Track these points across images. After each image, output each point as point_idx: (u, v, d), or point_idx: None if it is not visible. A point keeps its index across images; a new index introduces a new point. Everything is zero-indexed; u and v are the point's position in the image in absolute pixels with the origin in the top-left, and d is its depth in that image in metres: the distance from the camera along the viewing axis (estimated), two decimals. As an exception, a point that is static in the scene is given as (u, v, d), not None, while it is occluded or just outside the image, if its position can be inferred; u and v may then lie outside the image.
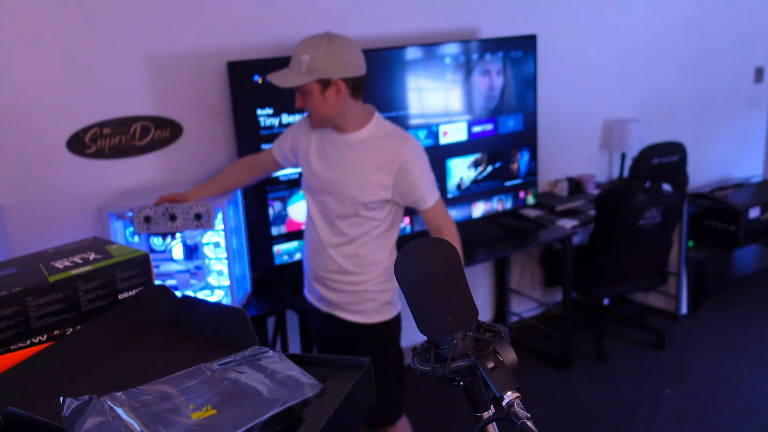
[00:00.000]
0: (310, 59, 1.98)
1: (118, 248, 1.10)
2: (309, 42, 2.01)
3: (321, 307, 2.25)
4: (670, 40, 4.15)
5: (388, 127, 2.14)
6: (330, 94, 2.01)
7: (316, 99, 2.01)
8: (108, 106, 2.55)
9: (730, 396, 3.21)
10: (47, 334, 0.98)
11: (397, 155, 2.05)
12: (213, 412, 0.78)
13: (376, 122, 2.12)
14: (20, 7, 2.37)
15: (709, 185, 4.37)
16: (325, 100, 2.01)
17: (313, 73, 1.98)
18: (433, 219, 2.15)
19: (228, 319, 1.01)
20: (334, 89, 2.00)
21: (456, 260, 0.75)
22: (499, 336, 0.74)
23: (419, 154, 2.11)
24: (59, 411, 0.75)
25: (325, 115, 2.05)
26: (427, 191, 2.11)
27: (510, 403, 0.68)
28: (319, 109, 2.03)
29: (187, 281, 2.35)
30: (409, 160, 2.06)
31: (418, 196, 2.10)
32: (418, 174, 2.08)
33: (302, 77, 1.99)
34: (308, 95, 2.01)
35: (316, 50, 1.98)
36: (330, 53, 1.98)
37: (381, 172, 2.06)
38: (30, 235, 2.46)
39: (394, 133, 2.12)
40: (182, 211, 2.21)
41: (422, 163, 2.11)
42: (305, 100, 2.04)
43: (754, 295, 4.26)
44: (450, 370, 0.72)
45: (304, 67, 1.98)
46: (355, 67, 2.04)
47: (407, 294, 0.76)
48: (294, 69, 2.01)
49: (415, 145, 2.11)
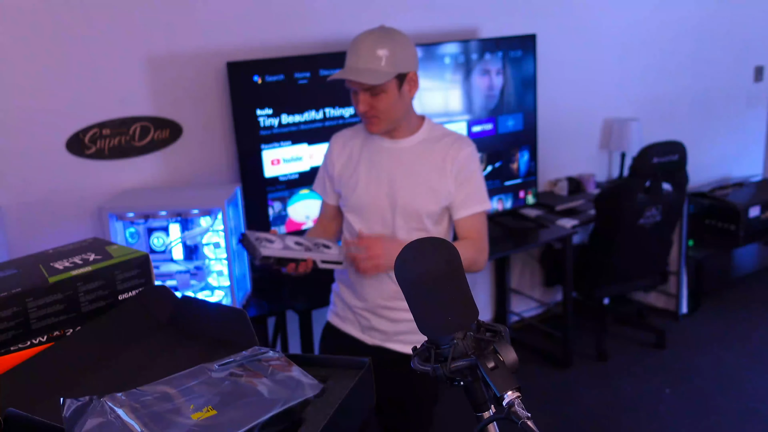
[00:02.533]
0: (389, 53, 1.80)
1: (118, 249, 1.09)
2: (379, 35, 1.84)
3: (366, 339, 2.02)
4: (670, 40, 4.15)
5: (443, 128, 1.99)
6: (405, 91, 1.87)
7: (391, 97, 1.84)
8: (108, 106, 2.55)
9: (730, 396, 3.21)
10: (47, 334, 0.97)
11: (455, 154, 1.90)
12: (213, 413, 0.78)
13: (430, 124, 1.98)
14: (20, 7, 2.37)
15: (709, 184, 4.37)
16: (402, 97, 1.86)
17: (394, 67, 1.81)
18: (468, 230, 1.93)
19: (228, 320, 1.01)
20: (409, 85, 1.87)
21: (456, 260, 0.75)
22: (500, 336, 0.74)
23: (476, 155, 1.96)
24: (59, 411, 0.75)
25: (397, 116, 1.88)
26: (476, 193, 1.92)
27: (510, 403, 0.68)
28: (393, 109, 1.86)
29: (187, 281, 2.35)
30: (468, 157, 1.91)
31: (464, 194, 1.91)
32: (473, 170, 1.92)
33: (384, 73, 1.80)
34: (382, 94, 1.83)
35: (393, 42, 1.82)
36: (405, 46, 1.84)
37: (444, 176, 1.90)
38: (30, 236, 2.46)
39: (450, 133, 1.98)
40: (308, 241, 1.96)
41: (478, 165, 1.97)
42: (376, 101, 1.84)
43: (754, 294, 4.26)
44: (450, 369, 0.72)
45: (383, 62, 1.80)
46: (417, 60, 1.91)
47: (408, 294, 0.76)
48: (368, 64, 1.81)
49: (473, 146, 1.96)
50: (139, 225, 2.34)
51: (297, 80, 2.71)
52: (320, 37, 2.91)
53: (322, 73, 2.74)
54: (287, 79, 2.69)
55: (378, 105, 1.84)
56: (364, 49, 1.82)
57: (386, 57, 1.80)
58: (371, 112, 1.86)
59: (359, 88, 1.83)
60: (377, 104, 1.84)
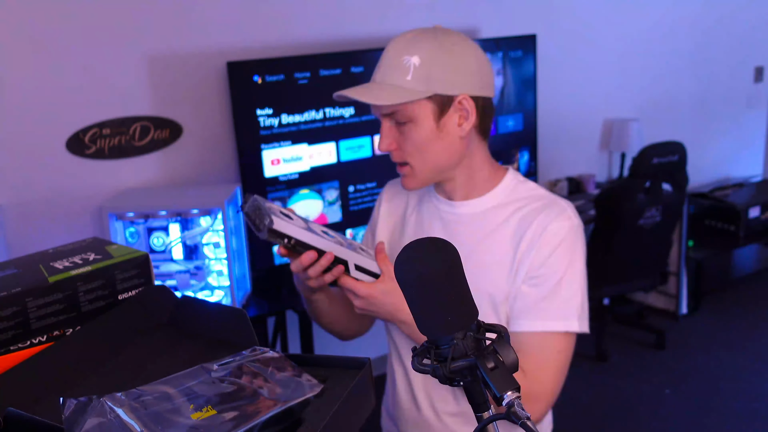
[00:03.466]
0: (422, 62, 1.21)
1: (117, 248, 1.09)
2: (416, 36, 1.25)
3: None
4: (670, 40, 4.15)
5: (534, 189, 1.33)
6: (449, 123, 1.24)
7: (424, 131, 1.23)
8: (108, 106, 2.55)
9: (730, 396, 3.21)
10: (47, 334, 0.97)
11: (539, 227, 1.26)
12: (213, 413, 0.78)
13: (514, 181, 1.34)
14: (20, 7, 2.37)
15: (709, 185, 4.38)
16: (443, 133, 1.24)
17: (427, 82, 1.21)
18: (524, 355, 1.22)
19: (228, 320, 1.01)
20: (457, 114, 1.24)
21: (456, 260, 0.75)
22: (500, 336, 0.74)
23: (575, 236, 1.27)
24: (59, 411, 0.75)
25: (439, 162, 1.26)
26: (554, 299, 1.24)
27: (510, 403, 0.68)
28: (430, 151, 1.24)
29: (187, 281, 2.35)
30: (557, 234, 1.25)
31: (532, 297, 1.25)
32: (561, 259, 1.25)
33: (408, 91, 1.21)
34: (410, 125, 1.23)
35: (434, 48, 1.22)
36: (452, 56, 1.23)
37: (512, 263, 1.27)
38: (30, 235, 2.46)
39: (544, 197, 1.31)
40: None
41: (575, 253, 1.27)
42: (402, 133, 1.25)
43: (754, 295, 4.26)
44: (450, 370, 0.72)
45: (410, 74, 1.21)
46: (486, 81, 1.27)
47: (407, 294, 0.76)
48: (390, 78, 1.24)
49: (574, 220, 1.29)
50: (139, 225, 2.34)
51: (297, 80, 2.71)
52: (320, 37, 2.91)
53: (322, 73, 2.74)
54: (287, 79, 2.69)
55: (405, 142, 1.25)
56: (388, 56, 1.27)
57: (416, 67, 1.21)
58: (397, 154, 1.27)
59: (380, 115, 1.26)
60: (404, 141, 1.25)
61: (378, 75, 1.27)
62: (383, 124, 1.27)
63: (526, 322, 1.25)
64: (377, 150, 2.89)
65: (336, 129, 2.80)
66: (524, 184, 1.34)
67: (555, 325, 1.25)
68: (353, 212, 2.90)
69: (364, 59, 2.81)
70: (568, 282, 1.26)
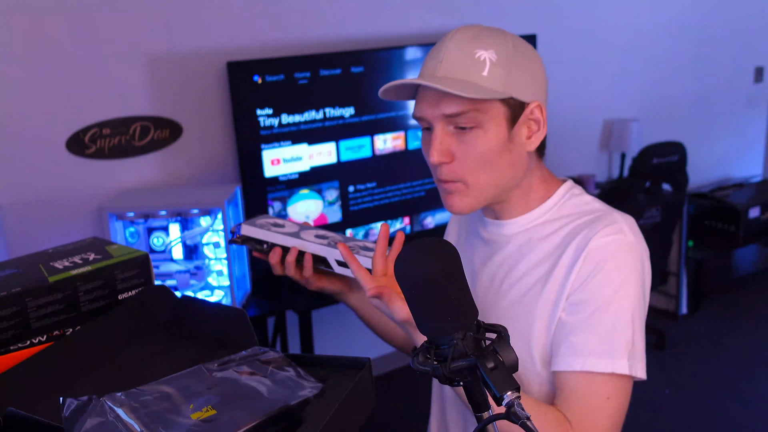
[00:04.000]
0: (499, 58, 1.03)
1: (117, 248, 1.09)
2: (482, 32, 1.06)
3: None
4: (669, 40, 4.15)
5: (587, 202, 1.15)
6: (519, 134, 1.07)
7: (494, 139, 1.04)
8: (108, 106, 2.55)
9: (730, 396, 3.21)
10: (47, 334, 0.98)
11: (583, 243, 1.06)
12: (213, 413, 0.78)
13: (567, 194, 1.16)
14: (20, 7, 2.37)
15: (709, 185, 4.38)
16: (512, 143, 1.06)
17: (505, 82, 1.03)
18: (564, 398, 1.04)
19: (228, 319, 1.01)
20: (526, 124, 1.07)
21: (456, 260, 0.75)
22: (500, 336, 0.74)
23: (627, 256, 1.05)
24: (59, 411, 0.75)
25: (501, 179, 1.08)
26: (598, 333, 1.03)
27: (510, 403, 0.67)
28: (496, 163, 1.06)
29: (187, 281, 2.35)
30: (605, 250, 1.04)
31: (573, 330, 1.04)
32: (611, 285, 1.03)
33: (485, 89, 1.02)
34: (476, 131, 1.04)
35: (506, 46, 1.05)
36: (526, 58, 1.07)
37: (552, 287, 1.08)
38: (30, 235, 2.46)
39: (597, 210, 1.12)
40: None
41: (624, 276, 1.04)
42: (463, 142, 1.05)
43: (754, 295, 4.26)
44: (450, 370, 0.72)
45: (486, 69, 1.02)
46: (546, 91, 1.12)
47: (407, 294, 0.76)
48: (460, 72, 1.03)
49: (629, 239, 1.06)
50: (139, 225, 2.34)
51: (297, 80, 2.71)
52: (320, 37, 2.91)
53: (322, 73, 2.74)
54: (287, 79, 2.68)
55: (466, 152, 1.04)
56: (454, 48, 1.05)
57: (492, 63, 1.02)
58: (449, 168, 1.06)
59: (438, 117, 1.04)
60: (466, 152, 1.04)
61: (441, 70, 1.04)
62: (437, 128, 1.04)
63: (563, 359, 1.04)
64: (377, 150, 2.90)
65: (336, 129, 2.80)
66: (578, 197, 1.15)
67: (598, 364, 1.01)
68: (353, 212, 2.90)
69: (364, 59, 2.81)
70: (616, 311, 1.03)
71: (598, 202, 1.15)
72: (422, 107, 1.06)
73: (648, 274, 1.09)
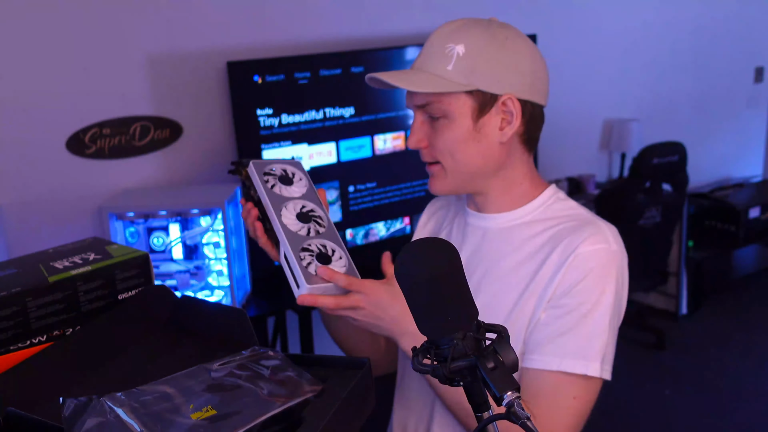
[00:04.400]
0: (468, 51, 1.10)
1: (118, 248, 1.09)
2: (465, 25, 1.16)
3: None
4: (670, 40, 4.15)
5: (573, 208, 1.19)
6: (489, 125, 1.12)
7: (459, 130, 1.11)
8: (108, 106, 2.55)
9: (730, 396, 3.21)
10: (47, 334, 0.98)
11: (568, 247, 1.10)
12: (213, 413, 0.78)
13: (553, 198, 1.20)
14: (20, 7, 2.37)
15: (709, 185, 4.38)
16: (480, 135, 1.12)
17: (469, 75, 1.09)
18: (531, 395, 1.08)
19: (228, 319, 1.01)
20: (500, 116, 1.12)
21: (456, 260, 0.75)
22: (499, 336, 0.74)
23: (610, 266, 1.10)
24: (59, 411, 0.75)
25: (470, 167, 1.14)
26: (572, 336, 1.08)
27: (510, 403, 0.68)
28: (462, 152, 1.12)
29: (187, 281, 2.35)
30: (589, 259, 1.09)
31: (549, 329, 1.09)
32: (590, 291, 1.08)
33: (446, 81, 1.10)
34: (444, 120, 1.11)
35: (479, 39, 1.12)
36: (502, 50, 1.12)
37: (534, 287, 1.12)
38: (30, 235, 2.46)
39: (581, 216, 1.16)
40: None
41: (606, 285, 1.09)
42: (435, 129, 1.13)
43: (754, 295, 4.26)
44: (450, 370, 0.72)
45: (451, 63, 1.10)
46: (539, 86, 1.16)
47: (407, 294, 0.76)
48: (429, 65, 1.13)
49: (613, 249, 1.11)
50: (139, 225, 2.34)
51: (297, 80, 2.71)
52: (320, 37, 2.91)
53: (322, 73, 2.74)
54: (287, 79, 2.69)
55: (437, 139, 1.13)
56: (431, 42, 1.17)
57: (459, 57, 1.10)
58: (427, 152, 1.15)
59: (413, 107, 1.15)
60: (436, 138, 1.13)
61: (417, 61, 1.16)
62: (415, 118, 1.15)
63: (539, 357, 1.08)
64: (377, 150, 2.90)
65: (336, 129, 2.80)
66: (563, 201, 1.19)
67: (572, 366, 1.06)
68: (353, 212, 2.90)
69: (364, 59, 2.81)
70: (595, 317, 1.08)
71: (582, 209, 1.20)
72: (406, 98, 1.17)
73: (625, 282, 1.15)
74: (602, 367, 1.09)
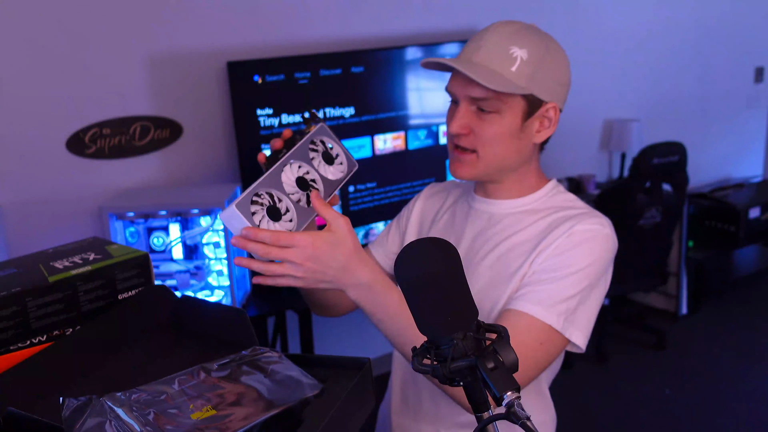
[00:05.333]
0: (530, 57, 1.19)
1: (118, 248, 1.09)
2: (521, 30, 1.24)
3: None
4: (670, 40, 4.15)
5: (572, 201, 1.30)
6: (530, 127, 1.22)
7: (506, 127, 1.19)
8: (108, 106, 2.55)
9: (730, 396, 3.21)
10: (47, 334, 0.97)
11: (564, 228, 1.21)
12: (213, 413, 0.78)
13: (554, 190, 1.31)
14: (20, 7, 2.37)
15: (709, 185, 4.37)
16: (522, 136, 1.22)
17: (529, 80, 1.18)
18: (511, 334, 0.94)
19: (228, 319, 1.01)
20: (539, 120, 1.23)
21: (456, 260, 0.75)
22: (500, 336, 0.73)
23: (603, 245, 1.21)
24: (59, 411, 0.75)
25: (502, 161, 1.23)
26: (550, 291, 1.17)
27: (510, 404, 0.68)
28: (501, 148, 1.21)
29: (187, 281, 2.35)
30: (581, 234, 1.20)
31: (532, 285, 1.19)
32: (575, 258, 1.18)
33: (510, 83, 1.17)
34: (495, 116, 1.19)
35: (539, 48, 1.21)
36: (555, 62, 1.24)
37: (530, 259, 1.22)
38: (30, 235, 2.46)
39: (580, 207, 1.27)
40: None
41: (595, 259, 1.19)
42: (482, 123, 1.20)
43: (754, 295, 4.26)
44: (450, 370, 0.72)
45: (515, 65, 1.18)
46: (567, 96, 1.29)
47: (407, 294, 0.76)
48: (493, 63, 1.18)
49: (607, 232, 1.22)
50: (139, 224, 2.34)
51: (297, 80, 2.71)
52: (320, 37, 2.91)
53: (322, 73, 2.74)
54: (287, 79, 2.69)
55: (482, 130, 1.19)
56: (493, 40, 1.21)
57: (522, 61, 1.18)
58: (467, 139, 1.21)
59: (464, 96, 1.20)
60: (481, 129, 1.19)
61: (477, 56, 1.20)
62: (462, 105, 1.21)
63: (516, 302, 1.18)
64: (377, 150, 2.90)
65: (336, 129, 2.80)
66: (563, 194, 1.31)
67: (538, 312, 1.15)
68: (353, 212, 2.90)
69: (364, 59, 2.81)
70: (575, 282, 1.17)
71: (580, 202, 1.30)
72: (454, 85, 1.23)
73: (610, 269, 1.26)
74: (564, 325, 1.16)
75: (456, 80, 1.22)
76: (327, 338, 3.05)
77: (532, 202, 1.29)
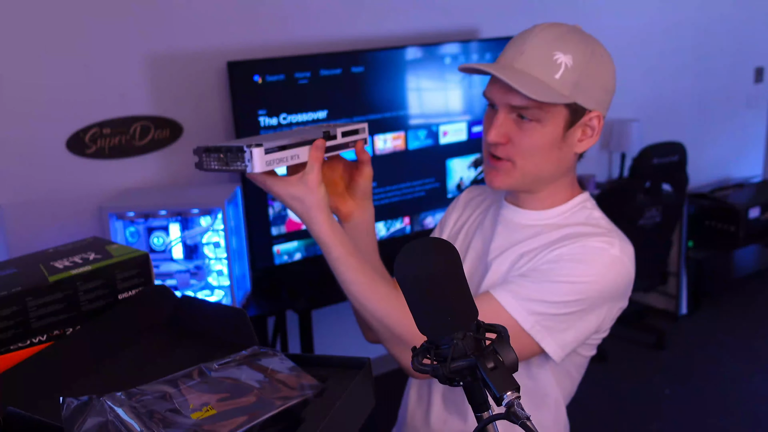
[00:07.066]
0: (575, 64, 1.12)
1: (118, 248, 1.09)
2: (566, 34, 1.16)
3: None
4: (670, 40, 4.15)
5: (596, 218, 1.24)
6: (572, 136, 1.17)
7: (548, 137, 1.14)
8: (108, 106, 2.55)
9: (729, 396, 3.21)
10: (47, 334, 0.98)
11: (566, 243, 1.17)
12: (213, 412, 0.78)
13: (580, 205, 1.25)
14: (20, 7, 2.37)
15: (709, 185, 4.37)
16: (563, 146, 1.16)
17: (573, 88, 1.12)
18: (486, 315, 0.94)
19: (228, 319, 1.01)
20: (581, 129, 1.17)
21: (456, 260, 0.75)
22: (500, 336, 0.74)
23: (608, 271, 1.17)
24: (59, 411, 0.75)
25: (540, 172, 1.18)
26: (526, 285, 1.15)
27: (510, 403, 0.68)
28: (540, 159, 1.16)
29: (187, 281, 2.35)
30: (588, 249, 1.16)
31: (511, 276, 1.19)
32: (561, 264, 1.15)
33: (553, 91, 1.11)
34: (535, 124, 1.13)
35: (584, 53, 1.13)
36: (600, 68, 1.15)
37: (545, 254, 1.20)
38: (30, 235, 2.46)
39: (601, 226, 1.22)
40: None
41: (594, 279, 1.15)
42: (522, 133, 1.14)
43: (754, 295, 4.26)
44: (450, 370, 0.72)
45: (559, 73, 1.11)
46: (610, 102, 1.21)
47: (407, 294, 0.76)
48: (536, 70, 1.12)
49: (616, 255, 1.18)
50: (139, 224, 2.34)
51: (297, 80, 2.71)
52: (320, 37, 2.91)
53: (322, 73, 2.74)
54: (287, 79, 2.69)
55: (521, 140, 1.14)
56: (536, 44, 1.14)
57: (567, 69, 1.11)
58: (504, 149, 1.16)
59: (504, 104, 1.15)
60: (521, 139, 1.14)
61: (519, 62, 1.13)
62: (501, 113, 1.15)
63: (495, 288, 1.16)
64: (377, 150, 2.90)
65: (336, 129, 2.80)
66: (590, 210, 1.24)
67: (509, 302, 1.12)
68: (353, 212, 2.90)
69: (364, 59, 2.81)
70: (563, 291, 1.12)
71: (605, 221, 1.24)
72: (493, 90, 1.16)
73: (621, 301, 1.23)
74: (537, 328, 1.13)
75: (495, 86, 1.15)
76: (327, 338, 3.05)
77: (555, 216, 1.23)
